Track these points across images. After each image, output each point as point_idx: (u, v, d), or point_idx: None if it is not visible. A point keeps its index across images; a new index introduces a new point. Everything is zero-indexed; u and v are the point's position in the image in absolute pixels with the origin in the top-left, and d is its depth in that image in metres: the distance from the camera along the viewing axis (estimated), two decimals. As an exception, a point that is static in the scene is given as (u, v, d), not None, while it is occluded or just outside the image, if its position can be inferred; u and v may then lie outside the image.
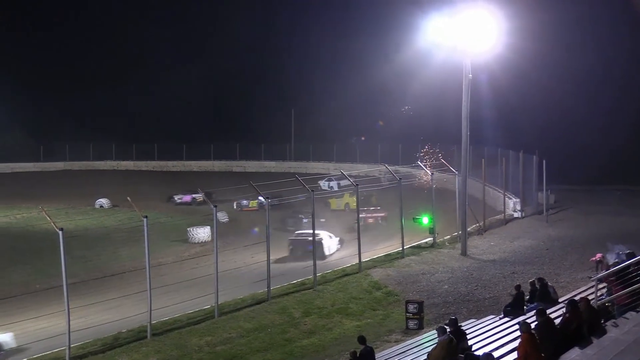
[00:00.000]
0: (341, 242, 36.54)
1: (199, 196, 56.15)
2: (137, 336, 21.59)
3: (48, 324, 22.15)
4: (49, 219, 20.48)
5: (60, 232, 19.57)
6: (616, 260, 21.66)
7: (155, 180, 69.70)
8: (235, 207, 50.96)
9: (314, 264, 27.27)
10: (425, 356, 15.72)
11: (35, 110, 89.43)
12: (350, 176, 33.12)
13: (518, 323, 15.05)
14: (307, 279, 27.52)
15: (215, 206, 25.62)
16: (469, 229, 34.62)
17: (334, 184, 68.66)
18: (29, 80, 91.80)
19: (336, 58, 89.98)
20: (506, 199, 42.42)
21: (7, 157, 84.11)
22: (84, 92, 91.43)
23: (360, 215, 32.48)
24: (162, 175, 77.04)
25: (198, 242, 40.23)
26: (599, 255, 24.61)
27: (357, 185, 31.33)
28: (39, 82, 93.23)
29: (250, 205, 50.92)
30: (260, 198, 53.31)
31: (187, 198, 59.40)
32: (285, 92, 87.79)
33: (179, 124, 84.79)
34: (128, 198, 26.08)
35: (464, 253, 32.44)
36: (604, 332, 14.68)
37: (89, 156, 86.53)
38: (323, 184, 70.96)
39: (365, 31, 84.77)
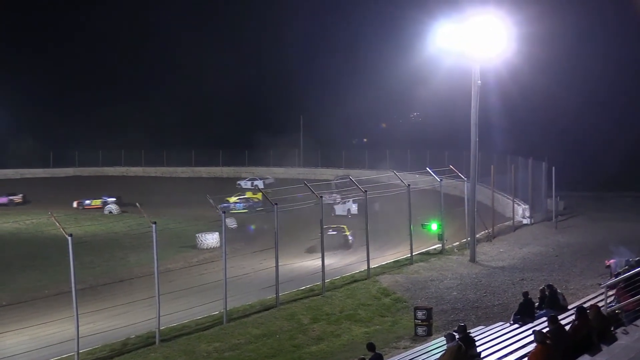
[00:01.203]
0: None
1: (17, 197, 63.99)
2: (146, 342, 21.58)
3: (57, 330, 22.15)
4: (58, 224, 20.52)
5: (69, 238, 19.59)
6: (625, 267, 21.59)
7: (164, 186, 69.93)
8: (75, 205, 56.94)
9: (322, 271, 27.18)
10: (434, 363, 15.63)
11: (45, 117, 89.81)
12: (359, 183, 32.77)
13: (533, 331, 14.91)
14: (316, 285, 27.45)
15: (224, 212, 25.54)
16: (477, 236, 34.49)
17: (258, 182, 69.96)
18: (39, 87, 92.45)
19: (344, 65, 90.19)
20: (515, 205, 42.34)
21: (17, 163, 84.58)
22: (93, 99, 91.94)
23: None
24: (172, 181, 77.28)
25: (207, 248, 40.30)
26: (612, 261, 24.51)
27: (365, 191, 31.16)
28: (48, 89, 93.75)
29: (92, 204, 58.41)
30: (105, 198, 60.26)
31: (3, 199, 63.49)
32: (294, 99, 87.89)
33: (188, 130, 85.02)
34: (137, 204, 26.14)
35: (472, 259, 32.32)
36: (614, 339, 14.58)
37: (98, 162, 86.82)
38: (245, 183, 72.03)
39: (374, 38, 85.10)
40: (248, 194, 58.35)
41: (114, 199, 59.61)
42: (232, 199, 56.45)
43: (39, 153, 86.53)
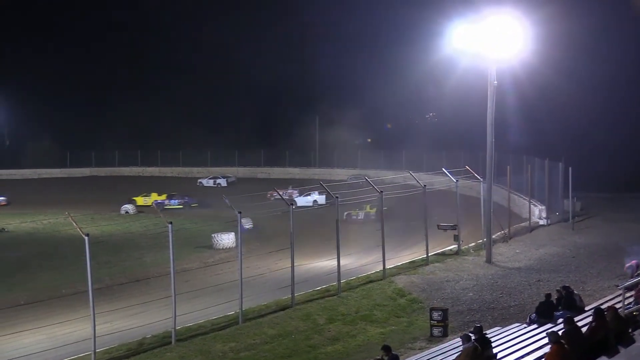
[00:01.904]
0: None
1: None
2: (162, 342, 21.64)
3: (74, 329, 22.31)
4: (75, 224, 20.61)
5: (86, 238, 19.69)
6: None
7: (180, 186, 70.22)
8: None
9: (338, 271, 27.13)
10: (449, 364, 15.57)
11: (62, 118, 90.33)
12: (375, 183, 32.68)
13: (546, 332, 14.85)
14: (332, 285, 27.40)
15: (240, 212, 25.56)
16: (493, 237, 34.28)
17: (221, 180, 70.46)
18: (56, 88, 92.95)
19: (361, 65, 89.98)
20: (532, 206, 42.10)
21: (34, 163, 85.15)
22: (110, 100, 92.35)
23: None
24: (187, 181, 77.54)
25: (222, 249, 40.33)
26: (633, 262, 24.39)
27: (381, 192, 31.05)
28: (65, 89, 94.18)
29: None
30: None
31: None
32: (310, 100, 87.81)
33: (204, 131, 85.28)
34: (152, 204, 26.17)
35: (488, 260, 32.15)
36: (632, 341, 14.48)
37: (114, 162, 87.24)
38: (207, 181, 72.41)
39: (390, 38, 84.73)
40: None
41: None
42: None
43: (56, 153, 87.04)
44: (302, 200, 57.71)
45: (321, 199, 57.89)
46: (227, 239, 40.68)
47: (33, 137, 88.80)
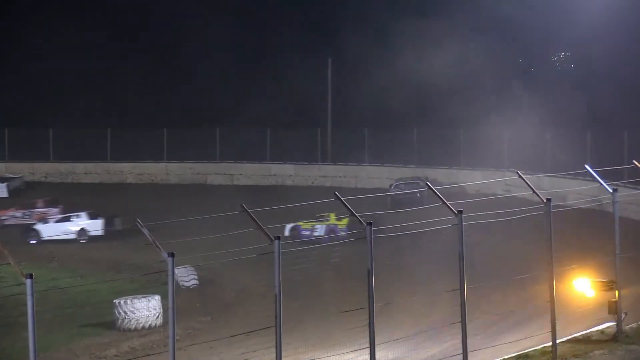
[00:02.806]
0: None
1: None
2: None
3: None
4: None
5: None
6: None
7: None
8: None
9: None
10: None
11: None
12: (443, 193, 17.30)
13: None
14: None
15: (172, 255, 13.54)
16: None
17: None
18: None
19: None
20: None
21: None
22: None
23: None
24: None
25: (135, 329, 26.14)
26: None
27: (460, 212, 16.26)
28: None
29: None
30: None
31: None
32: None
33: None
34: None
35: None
36: None
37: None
38: None
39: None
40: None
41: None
42: None
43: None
44: (54, 229, 38.35)
45: (94, 225, 38.50)
46: (144, 310, 25.88)
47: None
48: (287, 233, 32.51)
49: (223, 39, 62.50)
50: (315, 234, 33.90)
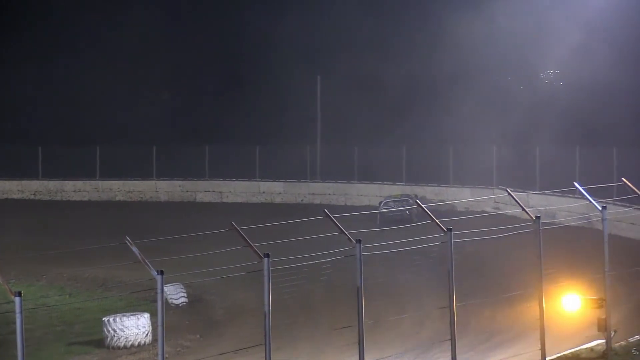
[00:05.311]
0: None
1: None
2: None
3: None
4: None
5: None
6: None
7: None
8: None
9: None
10: None
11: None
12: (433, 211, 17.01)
13: None
14: None
15: (161, 272, 13.18)
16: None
17: None
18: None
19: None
20: None
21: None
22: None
23: None
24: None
25: (124, 347, 24.79)
26: None
27: (449, 230, 16.00)
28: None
29: None
30: None
31: None
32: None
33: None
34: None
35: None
36: None
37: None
38: None
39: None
40: None
41: None
42: None
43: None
44: None
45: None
46: (133, 328, 25.02)
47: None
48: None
49: (211, 56, 62.17)
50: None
